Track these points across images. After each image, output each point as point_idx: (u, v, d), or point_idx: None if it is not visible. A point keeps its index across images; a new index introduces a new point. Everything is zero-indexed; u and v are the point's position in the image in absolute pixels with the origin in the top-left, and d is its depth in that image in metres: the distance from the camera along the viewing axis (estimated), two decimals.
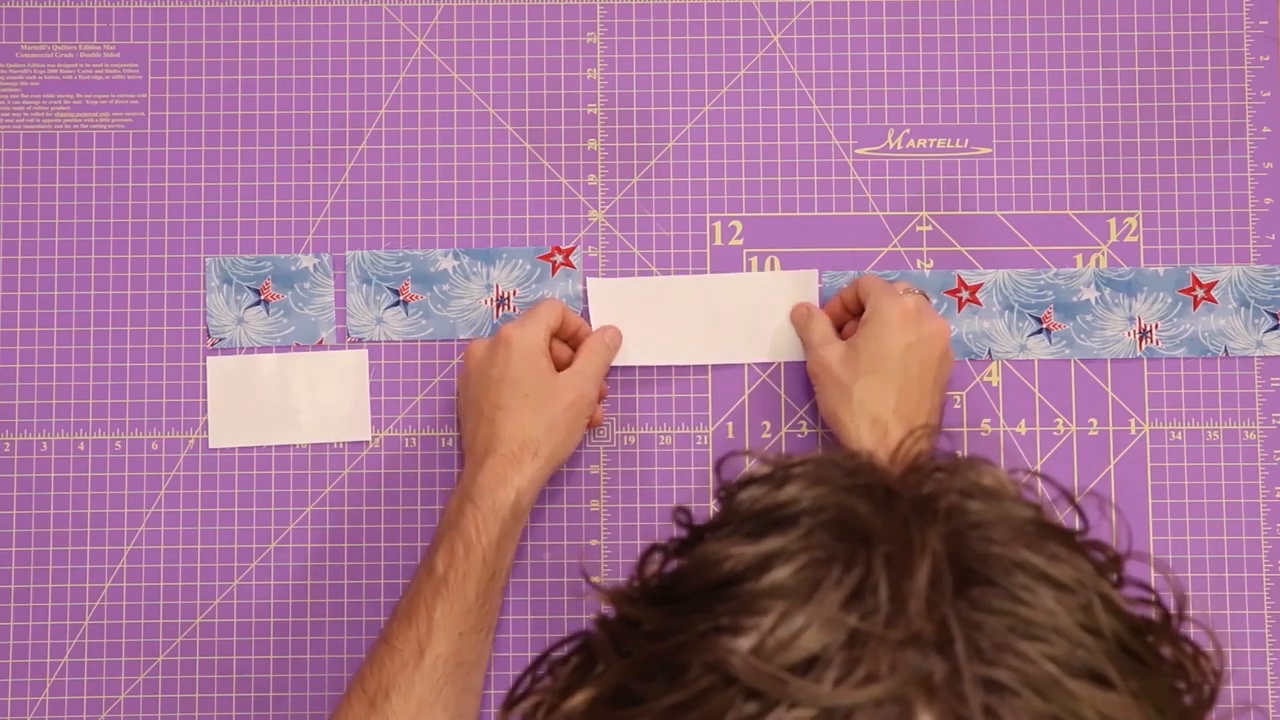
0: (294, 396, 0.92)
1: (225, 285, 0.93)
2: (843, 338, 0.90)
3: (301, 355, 0.93)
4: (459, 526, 0.83)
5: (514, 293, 0.93)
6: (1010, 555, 0.51)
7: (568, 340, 0.91)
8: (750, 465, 0.56)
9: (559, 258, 0.93)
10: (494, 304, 0.93)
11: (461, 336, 0.92)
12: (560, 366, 0.88)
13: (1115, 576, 0.56)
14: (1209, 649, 0.57)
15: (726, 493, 0.57)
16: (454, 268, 0.93)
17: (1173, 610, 0.57)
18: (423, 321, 0.93)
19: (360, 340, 0.92)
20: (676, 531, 0.58)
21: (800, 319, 0.92)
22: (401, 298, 0.93)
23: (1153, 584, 0.58)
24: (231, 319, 0.92)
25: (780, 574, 0.50)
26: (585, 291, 0.93)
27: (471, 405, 0.87)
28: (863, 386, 0.85)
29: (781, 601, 0.50)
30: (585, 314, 0.92)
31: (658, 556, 0.57)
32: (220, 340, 0.92)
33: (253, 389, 0.92)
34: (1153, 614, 0.56)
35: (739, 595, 0.51)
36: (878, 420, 0.84)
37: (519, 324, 0.87)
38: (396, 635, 0.82)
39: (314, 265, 0.93)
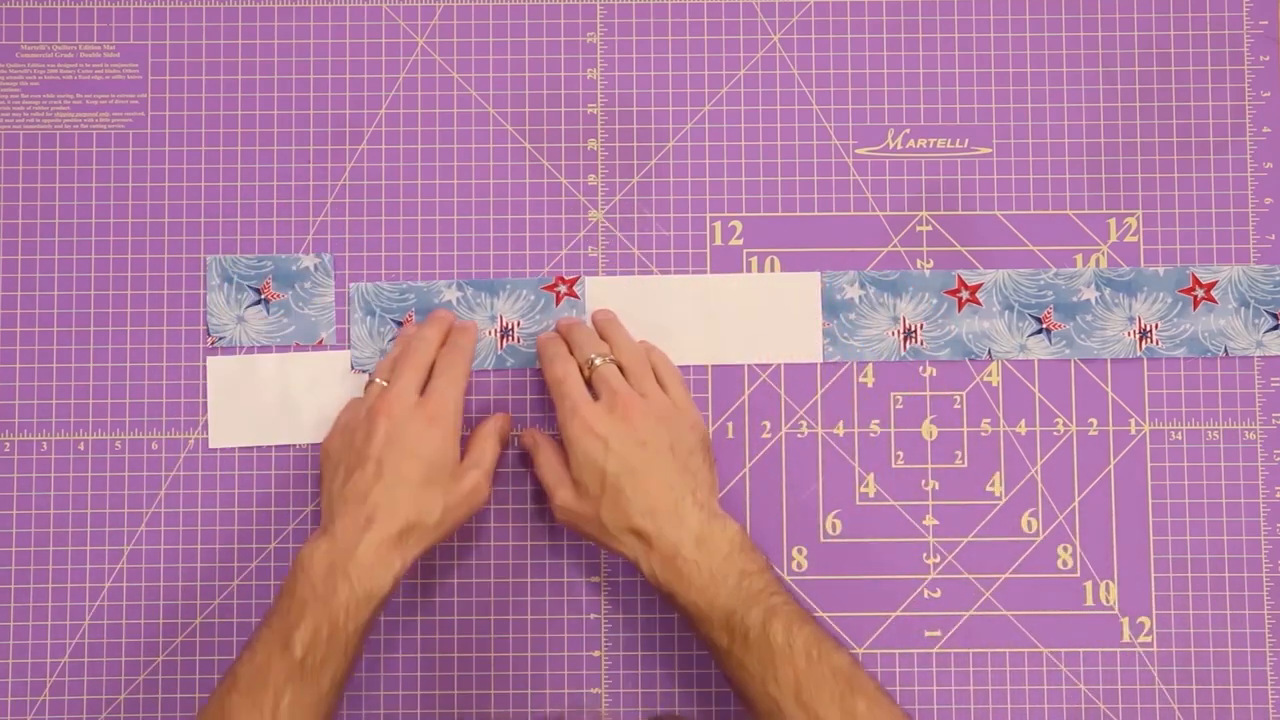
0: (294, 396, 0.92)
1: (226, 284, 0.93)
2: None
3: (301, 355, 0.93)
4: (329, 605, 0.78)
5: (518, 323, 0.92)
6: None
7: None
8: None
9: (563, 288, 0.93)
10: (499, 335, 0.92)
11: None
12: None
13: None
14: None
15: None
16: (458, 299, 0.92)
17: None
18: None
19: (366, 372, 0.92)
20: None
21: (530, 448, 0.90)
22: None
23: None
24: (232, 318, 0.92)
25: None
26: (584, 293, 0.93)
27: (366, 458, 0.82)
28: (605, 513, 0.83)
29: None
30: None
31: None
32: (220, 339, 0.92)
33: (253, 389, 0.92)
34: None
35: None
36: (636, 531, 0.82)
37: (443, 391, 0.84)
38: (237, 712, 0.77)
39: (314, 265, 0.93)
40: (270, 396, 0.92)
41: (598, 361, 0.87)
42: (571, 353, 0.88)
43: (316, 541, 0.81)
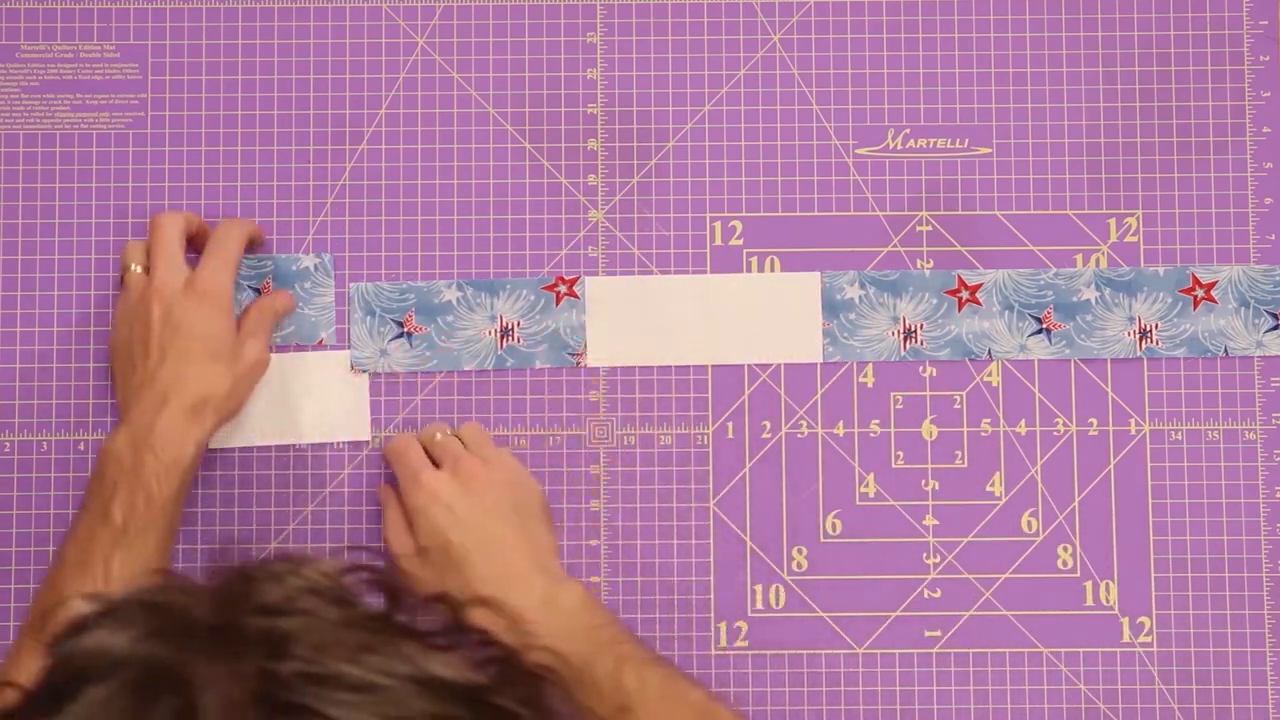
0: (294, 396, 0.92)
1: None
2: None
3: (301, 355, 0.93)
4: (139, 476, 0.82)
5: (518, 323, 0.92)
6: (319, 671, 0.50)
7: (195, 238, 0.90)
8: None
9: (563, 288, 0.93)
10: (499, 335, 0.92)
11: (465, 367, 0.92)
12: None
13: (451, 637, 0.55)
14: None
15: (53, 645, 0.53)
16: (458, 299, 0.92)
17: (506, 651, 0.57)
18: (427, 354, 0.92)
19: (366, 372, 0.92)
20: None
21: (382, 504, 0.89)
22: (405, 329, 0.92)
23: None
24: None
25: None
26: (583, 293, 0.93)
27: (148, 345, 0.85)
28: (450, 583, 0.82)
29: None
30: (582, 325, 0.92)
31: None
32: None
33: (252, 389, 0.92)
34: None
35: None
36: (481, 600, 0.78)
37: (213, 270, 0.87)
38: (70, 584, 0.80)
39: (314, 265, 0.93)
40: (270, 396, 0.92)
41: (439, 436, 0.89)
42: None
43: (116, 432, 0.84)
